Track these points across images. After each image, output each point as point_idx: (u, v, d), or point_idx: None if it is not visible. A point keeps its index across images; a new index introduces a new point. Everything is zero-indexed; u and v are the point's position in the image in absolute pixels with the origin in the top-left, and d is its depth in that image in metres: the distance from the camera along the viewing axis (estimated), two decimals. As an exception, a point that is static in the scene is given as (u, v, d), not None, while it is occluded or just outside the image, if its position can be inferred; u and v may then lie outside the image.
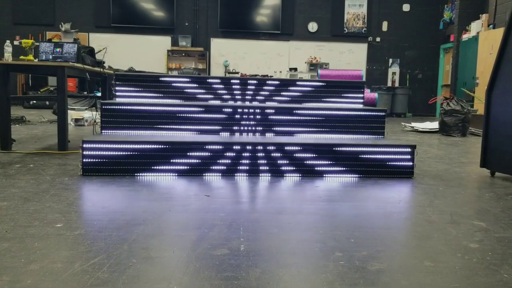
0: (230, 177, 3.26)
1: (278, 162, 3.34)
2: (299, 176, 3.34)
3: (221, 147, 3.28)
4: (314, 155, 3.36)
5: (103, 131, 3.74)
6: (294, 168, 3.35)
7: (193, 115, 3.77)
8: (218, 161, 3.29)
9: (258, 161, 3.32)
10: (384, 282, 1.52)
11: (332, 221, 2.23)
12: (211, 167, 3.28)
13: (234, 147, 3.29)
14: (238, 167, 3.31)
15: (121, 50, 12.44)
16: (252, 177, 3.28)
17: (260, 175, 3.33)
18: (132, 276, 1.51)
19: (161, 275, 1.53)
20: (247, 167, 3.32)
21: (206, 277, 1.52)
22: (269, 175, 3.33)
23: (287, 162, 3.34)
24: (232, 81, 4.25)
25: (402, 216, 2.37)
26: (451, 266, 1.68)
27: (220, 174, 3.29)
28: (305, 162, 3.36)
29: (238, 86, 4.25)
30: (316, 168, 3.37)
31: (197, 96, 4.23)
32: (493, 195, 2.93)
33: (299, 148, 3.35)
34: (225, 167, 3.30)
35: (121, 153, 3.20)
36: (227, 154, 3.29)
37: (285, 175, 3.34)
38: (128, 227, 2.03)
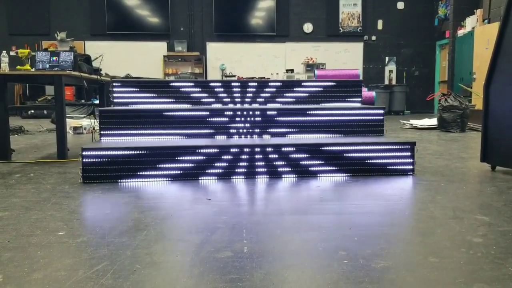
0: (228, 179, 3.26)
1: (276, 163, 3.33)
2: (297, 177, 3.33)
3: (238, 150, 3.28)
4: (311, 155, 3.36)
5: (102, 138, 3.73)
6: (291, 169, 3.34)
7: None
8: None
9: (256, 163, 3.33)
10: (390, 280, 1.52)
11: (335, 220, 2.23)
12: (210, 171, 3.29)
13: (231, 149, 3.30)
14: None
15: (117, 57, 12.44)
16: (251, 179, 3.28)
17: (258, 176, 3.33)
18: (137, 282, 1.50)
19: (166, 280, 1.52)
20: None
21: (210, 280, 1.51)
22: (268, 176, 3.33)
23: (285, 163, 3.34)
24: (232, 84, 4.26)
25: (404, 213, 2.36)
26: (455, 261, 1.68)
27: (218, 177, 3.30)
28: (301, 162, 3.35)
29: (238, 89, 4.26)
30: (313, 169, 3.36)
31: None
32: (495, 189, 2.92)
33: (295, 149, 3.35)
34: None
35: (121, 159, 3.19)
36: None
37: (283, 176, 3.33)
38: (131, 232, 2.03)
